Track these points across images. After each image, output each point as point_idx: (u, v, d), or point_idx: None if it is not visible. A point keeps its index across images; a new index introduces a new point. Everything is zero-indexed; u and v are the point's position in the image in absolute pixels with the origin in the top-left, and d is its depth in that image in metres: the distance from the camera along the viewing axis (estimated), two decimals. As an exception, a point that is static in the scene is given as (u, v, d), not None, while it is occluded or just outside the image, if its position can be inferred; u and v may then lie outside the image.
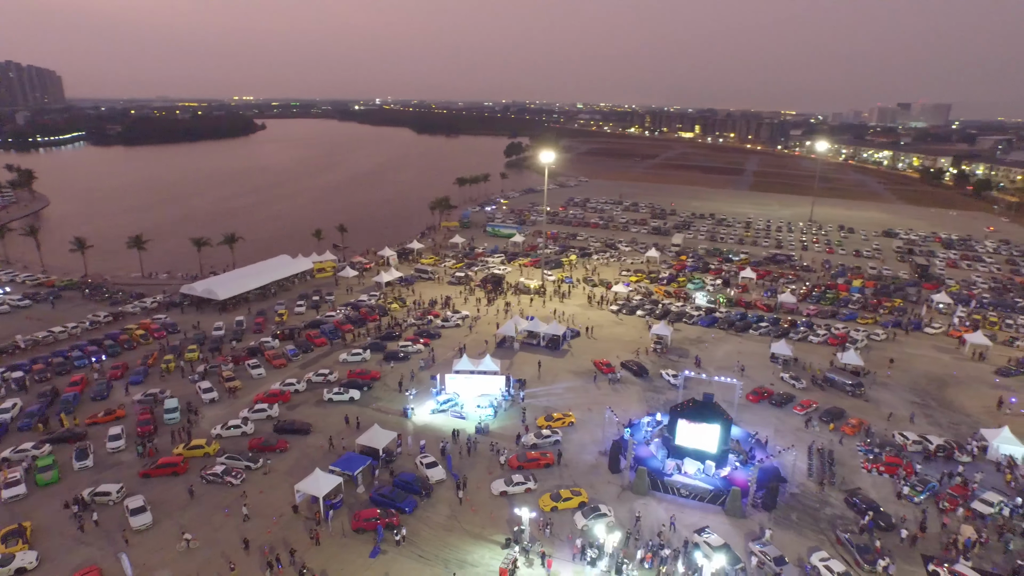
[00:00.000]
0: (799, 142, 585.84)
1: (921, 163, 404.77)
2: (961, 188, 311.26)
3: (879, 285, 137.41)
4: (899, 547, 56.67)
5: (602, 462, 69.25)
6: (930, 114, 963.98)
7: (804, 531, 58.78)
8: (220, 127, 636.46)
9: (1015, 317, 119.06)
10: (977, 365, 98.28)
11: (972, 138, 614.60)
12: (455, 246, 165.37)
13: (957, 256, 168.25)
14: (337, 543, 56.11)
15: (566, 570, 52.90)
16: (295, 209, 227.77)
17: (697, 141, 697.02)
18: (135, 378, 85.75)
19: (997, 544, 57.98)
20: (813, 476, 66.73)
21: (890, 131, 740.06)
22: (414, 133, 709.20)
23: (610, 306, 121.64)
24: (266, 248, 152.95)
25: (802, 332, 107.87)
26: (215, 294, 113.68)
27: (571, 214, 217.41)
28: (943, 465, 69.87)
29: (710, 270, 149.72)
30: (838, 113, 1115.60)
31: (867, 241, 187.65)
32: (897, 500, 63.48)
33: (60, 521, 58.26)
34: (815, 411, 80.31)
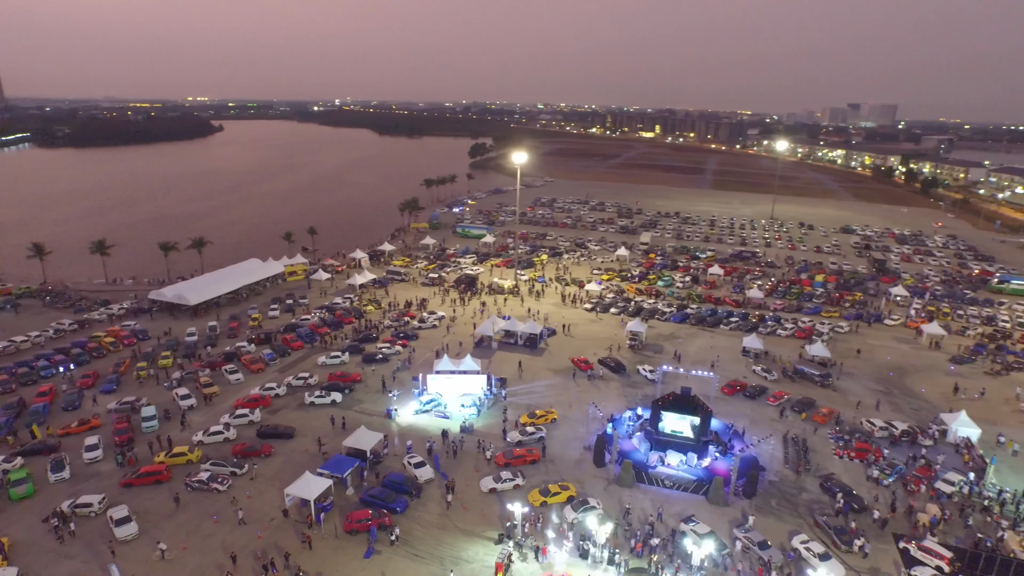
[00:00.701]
0: (756, 141, 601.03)
1: (872, 162, 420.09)
2: (910, 186, 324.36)
3: (840, 280, 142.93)
4: (872, 527, 59.60)
5: (587, 457, 70.68)
6: (878, 114, 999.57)
7: (784, 516, 61.25)
8: (175, 129, 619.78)
9: (965, 308, 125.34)
10: (933, 354, 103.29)
11: (917, 138, 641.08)
12: (426, 247, 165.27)
13: (910, 251, 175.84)
14: (330, 545, 56.12)
15: (559, 562, 54.05)
16: (260, 212, 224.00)
17: (658, 141, 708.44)
18: (107, 386, 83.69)
19: (959, 520, 61.47)
20: (789, 464, 69.40)
21: (842, 131, 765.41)
22: (376, 134, 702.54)
23: (584, 304, 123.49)
24: (234, 252, 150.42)
25: (771, 326, 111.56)
26: (186, 299, 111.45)
27: (540, 214, 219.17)
28: (908, 449, 73.52)
29: (679, 267, 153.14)
30: (792, 113, 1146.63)
31: (826, 237, 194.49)
32: (868, 483, 66.66)
33: (39, 535, 56.76)
34: (787, 402, 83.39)
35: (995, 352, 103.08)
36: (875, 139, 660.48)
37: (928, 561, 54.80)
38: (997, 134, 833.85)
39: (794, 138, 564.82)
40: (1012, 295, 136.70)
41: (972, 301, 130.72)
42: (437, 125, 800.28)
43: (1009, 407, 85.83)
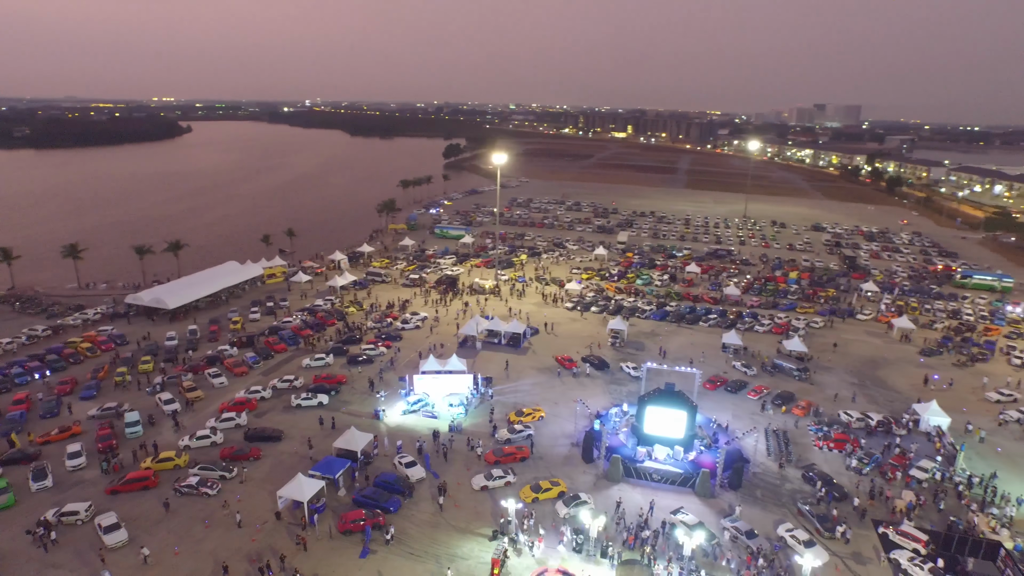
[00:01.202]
0: (727, 141, 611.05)
1: (839, 161, 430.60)
2: (876, 185, 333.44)
3: (813, 276, 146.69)
4: (853, 514, 61.77)
5: (575, 453, 71.80)
6: (843, 115, 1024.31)
7: (768, 506, 63.09)
8: (142, 129, 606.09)
9: (932, 302, 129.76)
10: (904, 347, 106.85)
11: (881, 137, 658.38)
12: (405, 248, 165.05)
13: (878, 248, 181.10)
14: (325, 546, 56.22)
15: (553, 557, 54.97)
16: (235, 215, 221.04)
17: (630, 141, 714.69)
18: (87, 392, 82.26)
19: (932, 505, 64.03)
20: (772, 456, 71.41)
21: (809, 130, 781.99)
22: (348, 135, 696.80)
23: (565, 304, 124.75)
24: (210, 255, 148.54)
25: (748, 322, 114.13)
26: (164, 303, 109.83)
27: (517, 214, 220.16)
28: (883, 438, 76.17)
29: (656, 266, 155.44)
30: (760, 113, 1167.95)
31: (798, 235, 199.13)
32: (847, 472, 68.97)
33: (23, 545, 55.72)
34: (768, 395, 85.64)
35: (961, 344, 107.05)
36: (841, 139, 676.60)
37: (906, 544, 57.10)
38: (955, 134, 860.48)
39: (763, 138, 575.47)
40: (974, 289, 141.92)
41: (938, 296, 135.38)
42: (409, 126, 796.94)
43: (975, 396, 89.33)
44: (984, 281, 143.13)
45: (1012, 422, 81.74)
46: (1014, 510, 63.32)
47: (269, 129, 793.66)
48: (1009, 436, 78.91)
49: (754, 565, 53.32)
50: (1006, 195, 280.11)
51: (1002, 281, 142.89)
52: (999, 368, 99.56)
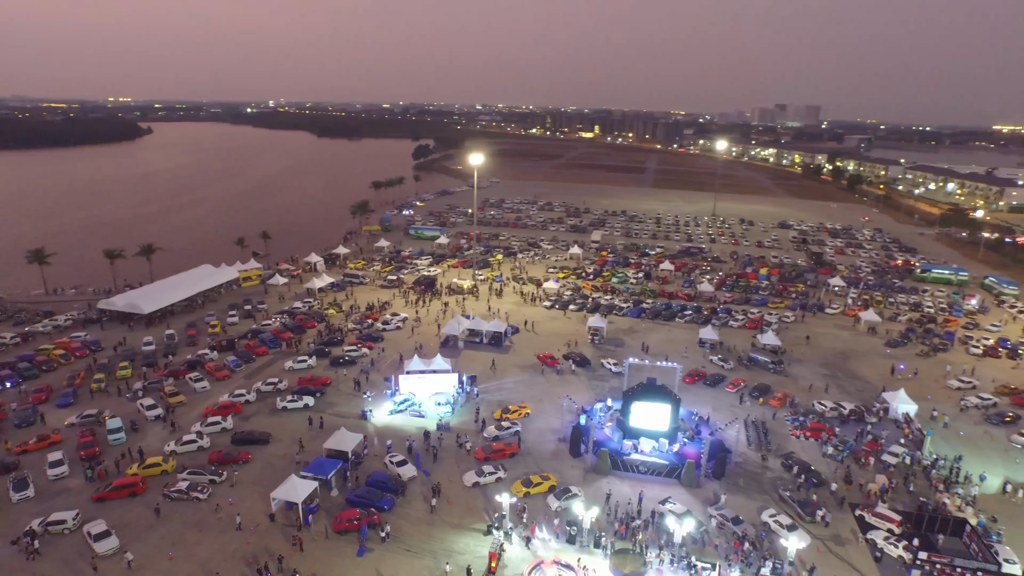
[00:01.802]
0: (693, 141, 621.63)
1: (802, 160, 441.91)
2: (837, 183, 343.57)
3: (782, 272, 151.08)
4: (831, 499, 64.52)
5: (562, 448, 73.23)
6: (803, 115, 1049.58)
7: (751, 493, 65.44)
8: (100, 131, 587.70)
9: (895, 296, 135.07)
10: (871, 339, 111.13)
11: (840, 137, 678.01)
12: (381, 250, 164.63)
13: (842, 244, 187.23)
14: (321, 546, 56.50)
15: (547, 549, 56.25)
16: (204, 217, 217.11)
17: (598, 141, 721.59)
18: (63, 400, 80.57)
19: (903, 487, 67.24)
20: (752, 446, 73.92)
21: (771, 130, 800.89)
22: (314, 136, 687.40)
23: (543, 302, 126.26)
24: (180, 259, 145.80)
25: (723, 318, 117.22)
26: (139, 308, 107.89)
27: (491, 215, 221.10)
28: (856, 426, 79.47)
29: (630, 264, 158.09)
30: (724, 113, 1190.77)
31: (766, 232, 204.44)
32: (824, 459, 71.86)
33: (5, 558, 54.48)
34: (745, 388, 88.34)
35: (923, 335, 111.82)
36: (802, 138, 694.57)
37: (880, 525, 60.02)
38: (908, 134, 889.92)
39: (728, 138, 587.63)
40: (933, 283, 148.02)
41: (900, 289, 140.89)
42: (376, 127, 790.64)
43: (938, 385, 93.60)
44: (942, 275, 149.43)
45: (972, 408, 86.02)
46: (976, 489, 66.94)
47: (233, 130, 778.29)
48: (969, 421, 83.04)
49: (741, 550, 55.40)
50: (958, 192, 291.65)
51: (958, 275, 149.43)
52: (958, 357, 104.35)
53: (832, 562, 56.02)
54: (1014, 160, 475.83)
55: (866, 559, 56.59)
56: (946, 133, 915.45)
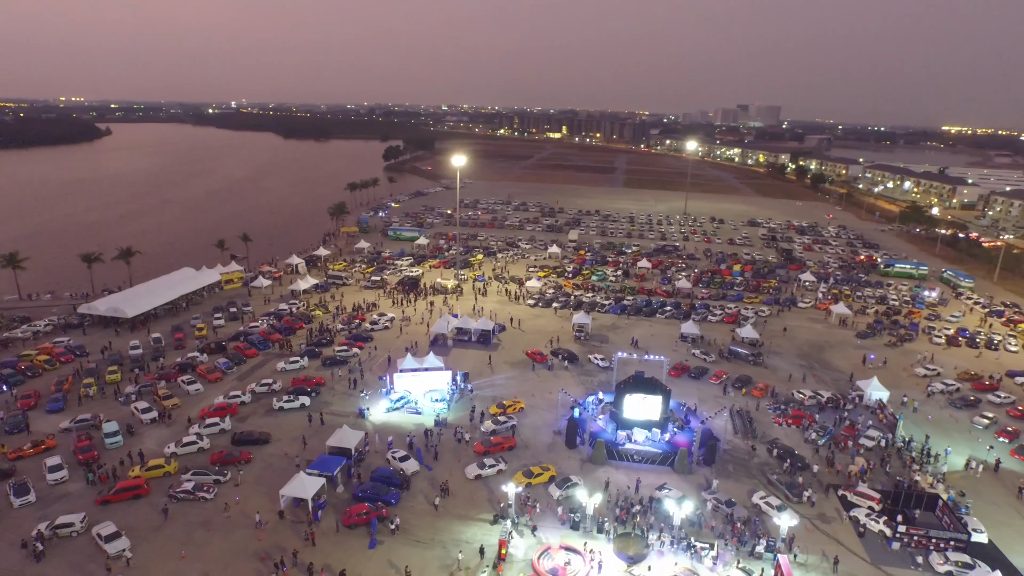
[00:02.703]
0: (659, 141, 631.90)
1: (766, 159, 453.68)
2: (801, 182, 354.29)
3: (755, 269, 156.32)
4: (815, 480, 68.30)
5: (557, 440, 75.67)
6: (765, 115, 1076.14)
7: (741, 478, 68.82)
8: (55, 131, 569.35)
9: (862, 289, 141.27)
10: (842, 331, 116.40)
11: (800, 136, 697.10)
12: (361, 251, 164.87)
13: (810, 241, 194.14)
14: (332, 541, 57.75)
15: (553, 536, 58.52)
16: (175, 220, 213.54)
17: (566, 141, 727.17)
18: (53, 405, 79.72)
19: (880, 468, 71.51)
20: (738, 434, 77.45)
21: (734, 130, 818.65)
22: (280, 138, 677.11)
23: (527, 301, 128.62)
24: (157, 262, 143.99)
25: (701, 313, 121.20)
26: (123, 312, 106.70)
27: (468, 215, 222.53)
28: (833, 413, 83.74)
29: (608, 263, 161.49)
30: (688, 113, 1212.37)
31: (736, 230, 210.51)
32: (805, 445, 75.78)
33: (13, 562, 54.37)
34: (728, 380, 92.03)
35: (890, 326, 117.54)
36: (764, 138, 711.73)
37: (861, 503, 63.91)
38: (865, 134, 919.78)
39: (695, 137, 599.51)
40: (897, 277, 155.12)
41: (866, 284, 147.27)
42: (343, 128, 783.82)
43: (906, 372, 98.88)
44: (904, 269, 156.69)
45: (937, 393, 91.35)
46: (946, 467, 71.65)
47: (196, 131, 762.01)
48: (935, 405, 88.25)
49: (737, 530, 58.53)
50: (914, 191, 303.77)
51: (918, 269, 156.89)
52: (923, 346, 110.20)
53: (820, 538, 59.61)
54: (963, 160, 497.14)
55: (850, 535, 60.37)
56: (899, 133, 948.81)
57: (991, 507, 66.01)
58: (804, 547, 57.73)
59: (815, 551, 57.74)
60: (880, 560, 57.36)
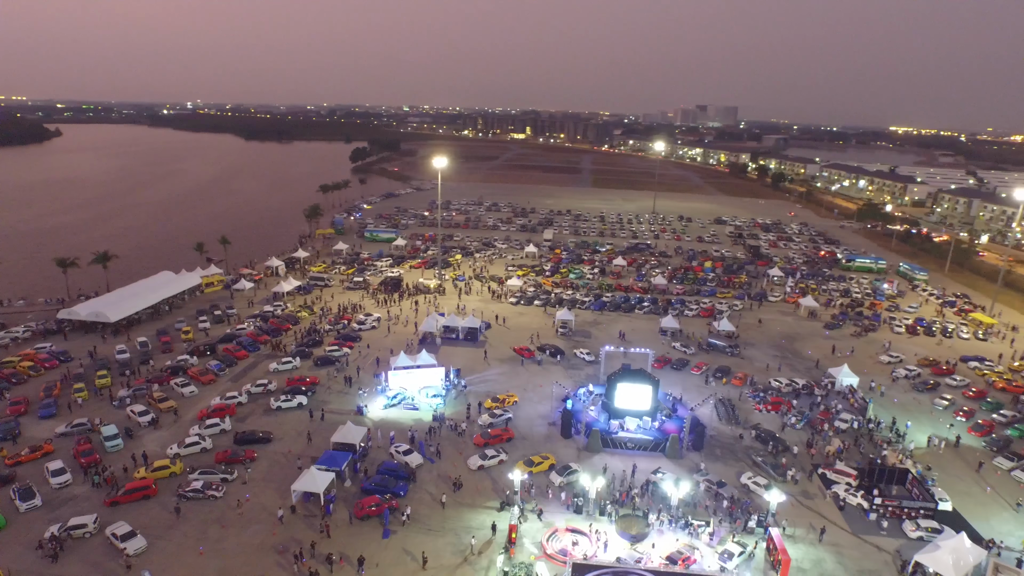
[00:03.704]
0: (622, 141, 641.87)
1: (727, 159, 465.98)
2: (762, 180, 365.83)
3: (725, 265, 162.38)
4: (796, 461, 72.96)
5: (553, 431, 78.83)
6: (723, 115, 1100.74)
7: (728, 461, 73.08)
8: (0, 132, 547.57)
9: (827, 283, 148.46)
10: (811, 323, 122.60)
11: (758, 136, 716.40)
12: (339, 253, 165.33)
13: (775, 238, 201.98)
14: (346, 532, 59.62)
15: (559, 519, 61.57)
16: (141, 224, 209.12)
17: (530, 142, 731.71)
18: (45, 411, 79.27)
19: (855, 447, 76.80)
20: (723, 420, 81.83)
21: (694, 130, 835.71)
22: (241, 139, 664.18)
23: (509, 299, 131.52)
24: (131, 266, 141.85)
25: (678, 308, 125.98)
26: (105, 316, 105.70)
27: (443, 216, 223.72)
28: (809, 399, 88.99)
29: (584, 261, 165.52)
30: (648, 114, 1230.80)
31: (704, 228, 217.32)
32: (785, 429, 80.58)
33: (29, 564, 54.81)
34: (708, 370, 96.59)
35: (855, 318, 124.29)
36: (724, 138, 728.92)
37: (840, 480, 68.73)
38: (819, 134, 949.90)
39: (661, 138, 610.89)
40: (857, 271, 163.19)
41: (830, 278, 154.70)
42: (305, 129, 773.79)
43: (872, 360, 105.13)
44: (864, 264, 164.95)
45: (901, 378, 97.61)
46: (913, 444, 77.34)
47: (153, 133, 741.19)
48: (900, 390, 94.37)
49: (733, 510, 62.57)
50: (869, 189, 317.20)
51: (877, 263, 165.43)
52: (885, 335, 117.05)
53: (805, 513, 64.13)
54: (910, 159, 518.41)
55: (832, 509, 65.10)
56: (851, 133, 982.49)
57: (954, 479, 71.68)
58: (792, 521, 62.15)
59: (802, 524, 62.17)
60: (860, 530, 62.12)
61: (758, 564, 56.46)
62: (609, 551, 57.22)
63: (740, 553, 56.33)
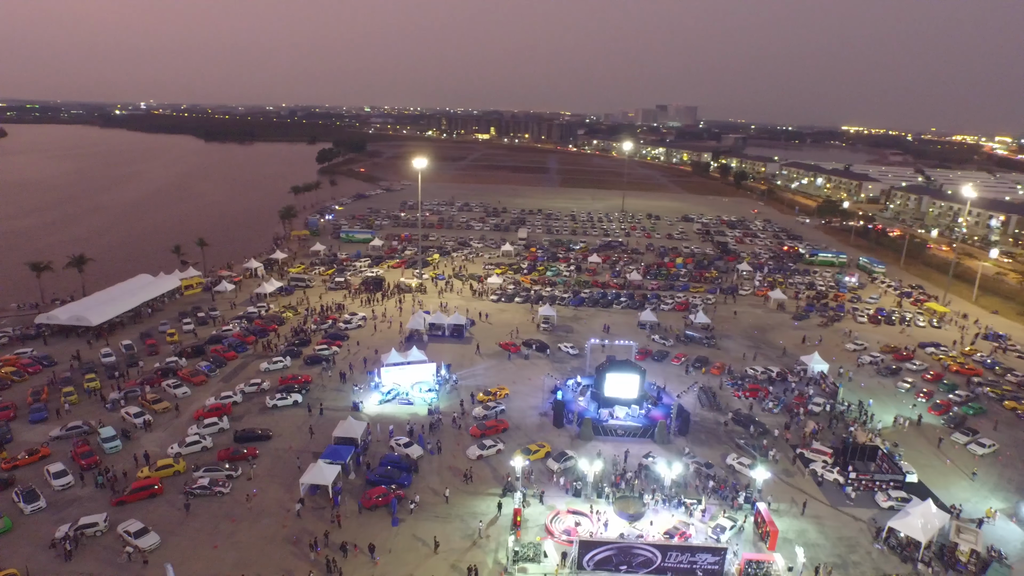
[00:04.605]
0: (586, 141, 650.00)
1: (690, 158, 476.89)
2: (725, 179, 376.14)
3: (696, 261, 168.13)
4: (775, 442, 77.66)
5: (545, 421, 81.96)
6: (683, 115, 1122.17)
7: (713, 444, 77.31)
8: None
9: (793, 277, 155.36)
10: (780, 314, 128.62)
11: (718, 136, 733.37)
12: (316, 254, 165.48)
13: (741, 234, 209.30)
14: (356, 522, 61.54)
15: (559, 503, 64.66)
16: (109, 227, 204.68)
17: (495, 142, 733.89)
18: (37, 415, 78.77)
19: (828, 428, 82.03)
20: (705, 407, 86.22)
21: (654, 130, 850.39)
22: (201, 141, 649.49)
23: (490, 296, 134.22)
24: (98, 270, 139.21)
25: (654, 303, 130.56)
26: (87, 320, 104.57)
27: (416, 217, 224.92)
28: (783, 385, 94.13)
29: (559, 259, 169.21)
30: (609, 113, 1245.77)
31: (672, 226, 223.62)
32: (764, 413, 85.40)
33: (44, 563, 55.34)
34: (688, 361, 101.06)
35: (821, 309, 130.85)
36: (684, 137, 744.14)
37: (816, 458, 73.59)
38: (775, 133, 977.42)
39: (618, 137, 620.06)
40: (820, 265, 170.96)
41: (795, 272, 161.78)
42: (266, 130, 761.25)
43: (838, 348, 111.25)
44: (826, 258, 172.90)
45: (866, 364, 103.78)
46: (880, 424, 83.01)
47: (106, 134, 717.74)
48: (866, 375, 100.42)
49: (723, 489, 66.61)
50: (826, 187, 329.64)
51: (838, 257, 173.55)
52: (849, 325, 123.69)
53: (787, 489, 68.64)
54: (862, 158, 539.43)
55: (811, 485, 69.83)
56: (807, 133, 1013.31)
57: (917, 454, 77.40)
58: (776, 497, 66.50)
59: (784, 500, 66.63)
60: (837, 503, 66.94)
61: (748, 536, 60.53)
62: (610, 530, 60.53)
63: (731, 527, 60.29)
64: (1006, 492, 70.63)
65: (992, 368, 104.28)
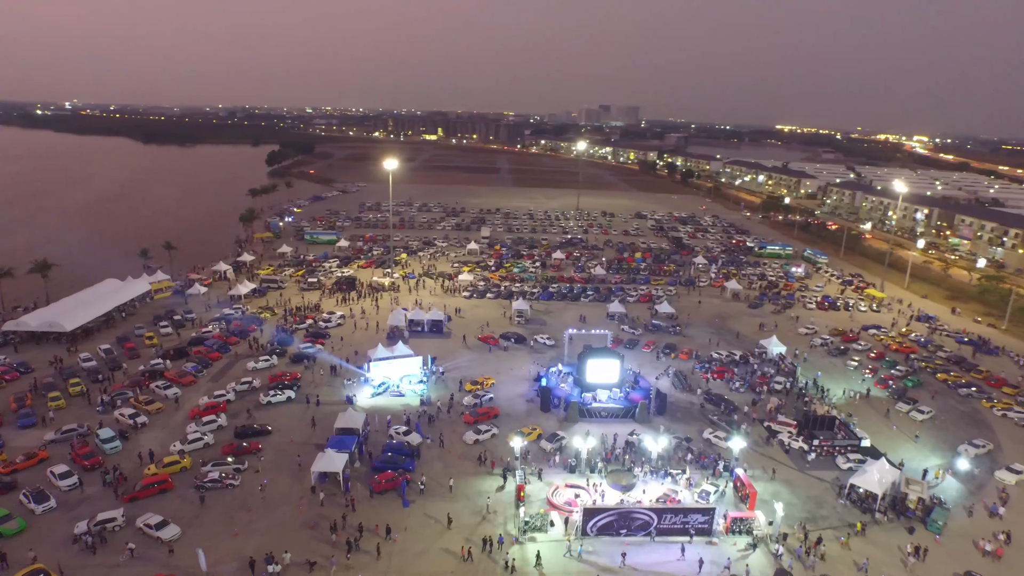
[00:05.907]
0: (533, 141, 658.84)
1: (636, 157, 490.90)
2: (672, 177, 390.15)
3: (654, 255, 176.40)
4: (744, 418, 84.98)
5: (532, 407, 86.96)
6: (625, 115, 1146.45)
7: (689, 422, 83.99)
8: None
9: (745, 268, 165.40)
10: (737, 304, 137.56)
11: (660, 135, 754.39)
12: (283, 256, 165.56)
13: (692, 230, 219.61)
14: (368, 506, 64.91)
15: (557, 478, 69.69)
16: (58, 234, 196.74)
17: (443, 143, 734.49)
18: (26, 420, 78.51)
19: (790, 403, 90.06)
20: (678, 389, 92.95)
21: (598, 129, 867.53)
22: (139, 143, 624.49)
23: (462, 293, 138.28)
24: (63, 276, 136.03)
25: (619, 295, 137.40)
26: (60, 326, 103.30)
27: (377, 217, 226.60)
28: (746, 367, 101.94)
29: (523, 256, 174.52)
30: (553, 113, 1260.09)
31: (627, 223, 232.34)
32: (731, 392, 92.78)
33: (70, 556, 56.59)
34: (657, 348, 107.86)
35: (773, 297, 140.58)
36: (628, 136, 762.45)
37: (782, 431, 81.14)
38: (714, 132, 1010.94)
39: (566, 137, 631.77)
40: (769, 257, 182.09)
41: (746, 264, 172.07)
42: (207, 131, 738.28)
43: (792, 332, 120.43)
44: (774, 251, 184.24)
45: (818, 346, 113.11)
46: (834, 398, 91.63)
47: (30, 135, 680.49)
48: (818, 355, 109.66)
49: (704, 460, 73.06)
50: (767, 183, 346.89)
51: (785, 249, 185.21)
52: (799, 311, 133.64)
53: (759, 458, 75.75)
54: (797, 156, 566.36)
55: (779, 453, 77.25)
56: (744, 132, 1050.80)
57: (868, 422, 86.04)
58: (750, 465, 73.38)
59: (757, 467, 73.61)
60: (803, 468, 74.43)
61: (730, 499, 67.05)
62: (607, 500, 65.91)
63: (715, 492, 66.69)
64: (943, 451, 79.93)
65: (925, 346, 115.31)
